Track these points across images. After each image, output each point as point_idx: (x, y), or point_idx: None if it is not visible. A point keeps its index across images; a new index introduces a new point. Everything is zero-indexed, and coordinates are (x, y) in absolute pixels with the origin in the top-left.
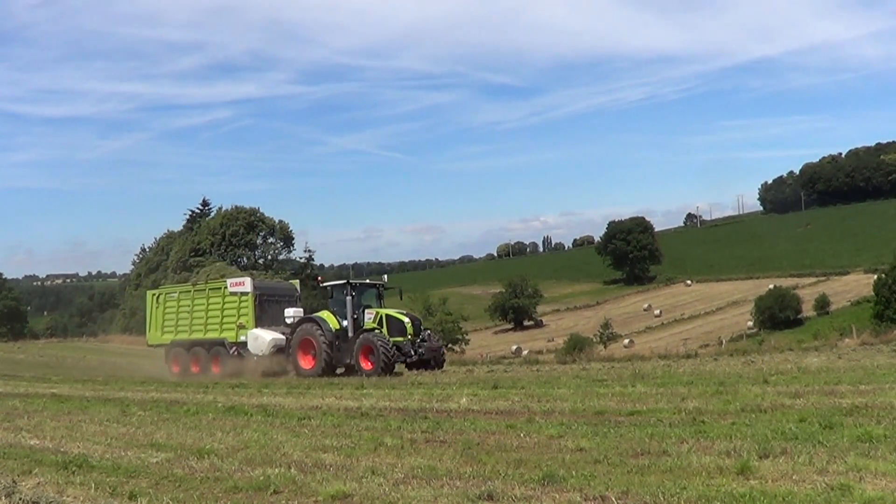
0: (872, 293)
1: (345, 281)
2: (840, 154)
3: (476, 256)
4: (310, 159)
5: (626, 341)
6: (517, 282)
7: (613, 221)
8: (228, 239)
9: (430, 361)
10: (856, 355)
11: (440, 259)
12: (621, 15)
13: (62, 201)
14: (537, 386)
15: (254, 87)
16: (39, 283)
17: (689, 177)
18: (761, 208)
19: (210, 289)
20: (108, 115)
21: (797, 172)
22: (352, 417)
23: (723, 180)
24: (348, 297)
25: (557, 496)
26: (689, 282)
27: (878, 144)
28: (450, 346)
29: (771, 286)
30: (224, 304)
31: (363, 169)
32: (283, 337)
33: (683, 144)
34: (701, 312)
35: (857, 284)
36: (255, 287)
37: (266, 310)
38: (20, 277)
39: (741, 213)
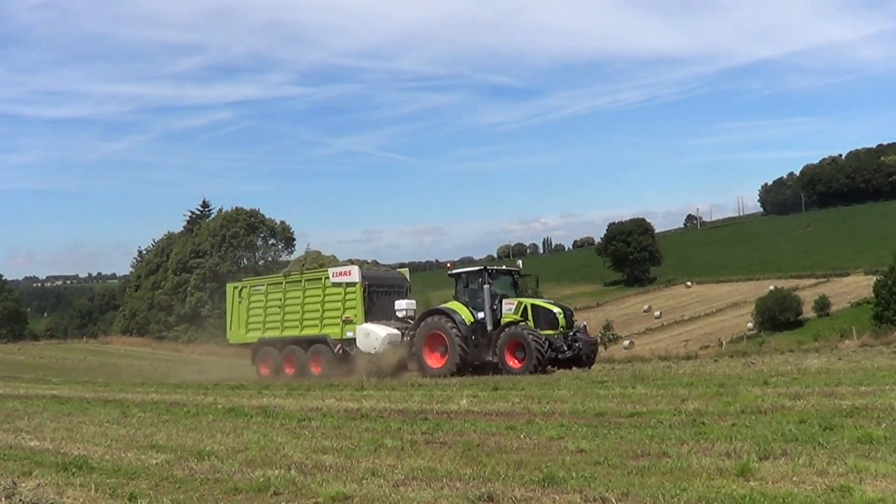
0: (872, 295)
1: (481, 267)
2: (840, 155)
3: (476, 258)
4: (310, 161)
5: (627, 343)
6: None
7: (614, 223)
8: (229, 240)
9: (582, 358)
10: (856, 357)
11: (440, 260)
12: (622, 16)
13: (62, 203)
14: (537, 387)
15: (254, 89)
16: (39, 284)
17: (689, 178)
18: (762, 210)
19: (307, 280)
20: (109, 117)
21: (797, 174)
22: (352, 419)
23: (723, 182)
24: (486, 286)
25: (557, 497)
26: (689, 283)
27: (878, 146)
28: None
29: (771, 287)
30: (325, 296)
31: (363, 170)
32: (398, 332)
33: (684, 146)
34: (701, 314)
35: (858, 286)
36: (363, 277)
37: (375, 302)
38: (20, 279)
39: (741, 214)
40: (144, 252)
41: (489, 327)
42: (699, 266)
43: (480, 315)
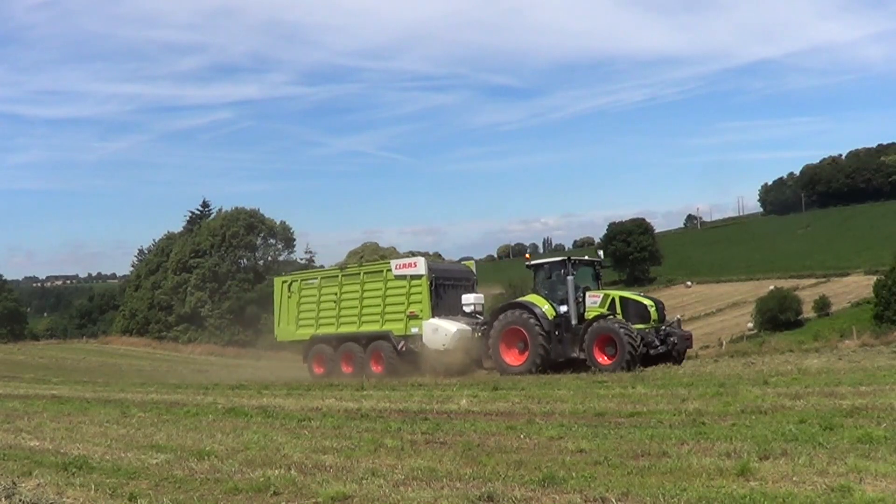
0: (872, 294)
1: (563, 257)
2: (840, 155)
3: (476, 258)
4: (310, 161)
5: None
6: (517, 283)
7: (614, 223)
8: (228, 240)
9: (672, 354)
10: (856, 356)
11: None
12: (622, 16)
13: (62, 203)
14: (537, 387)
15: (254, 89)
16: (39, 284)
17: (689, 178)
18: (762, 209)
19: (366, 273)
20: (109, 117)
21: (797, 174)
22: (352, 419)
23: (723, 181)
24: (569, 278)
25: (557, 497)
26: (689, 283)
27: (878, 146)
28: None
29: (771, 287)
30: (387, 290)
31: (363, 170)
32: (468, 328)
33: (684, 146)
34: (701, 314)
35: (858, 286)
36: (429, 269)
37: (442, 296)
38: (20, 279)
39: (741, 214)
40: (146, 251)
41: (574, 321)
42: (699, 266)
43: (563, 309)
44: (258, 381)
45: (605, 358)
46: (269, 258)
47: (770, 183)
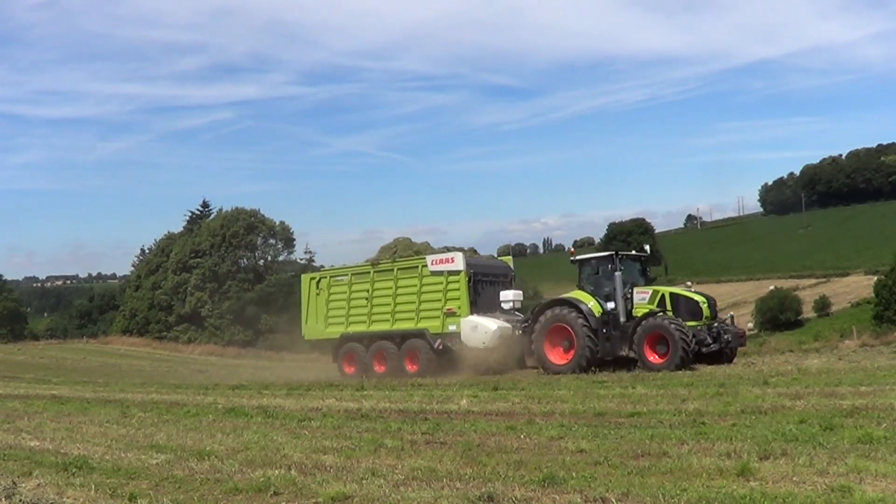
0: (873, 295)
1: (611, 252)
2: (840, 155)
3: None
4: (310, 161)
5: None
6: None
7: (614, 223)
8: (228, 240)
9: (724, 353)
10: (856, 357)
11: None
12: (622, 16)
13: (62, 203)
14: (537, 387)
15: (254, 89)
16: (39, 284)
17: (689, 178)
18: (762, 210)
19: (400, 269)
20: (109, 117)
21: (797, 174)
22: (352, 419)
23: (723, 182)
24: (617, 273)
25: (558, 498)
26: (689, 283)
27: (878, 146)
28: None
29: (771, 287)
30: (422, 286)
31: (363, 170)
32: (509, 325)
33: (684, 146)
34: None
35: (858, 286)
36: (467, 264)
37: (480, 293)
38: (20, 279)
39: (741, 214)
40: (147, 251)
41: (622, 319)
42: (699, 266)
43: (610, 305)
44: (259, 380)
45: (657, 357)
46: (269, 258)
47: (770, 183)
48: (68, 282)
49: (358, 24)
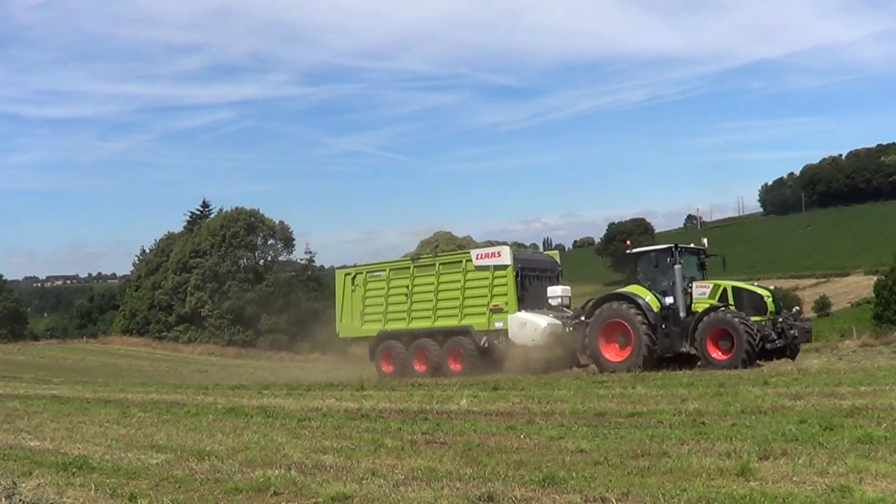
0: (873, 295)
1: (670, 245)
2: (840, 155)
3: None
4: (310, 161)
5: None
6: None
7: (614, 223)
8: (228, 240)
9: (788, 349)
10: (856, 357)
11: None
12: (622, 16)
13: (63, 203)
14: (537, 387)
15: (254, 89)
16: (39, 284)
17: (689, 178)
18: (762, 210)
19: (442, 263)
20: (109, 117)
21: (797, 174)
22: (352, 419)
23: (723, 182)
24: (676, 266)
25: (558, 497)
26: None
27: (878, 146)
28: None
29: (771, 287)
30: (466, 282)
31: (364, 170)
32: (559, 322)
33: (684, 146)
34: None
35: (858, 286)
36: (515, 259)
37: (527, 288)
38: (20, 279)
39: (742, 214)
40: (147, 251)
41: (682, 314)
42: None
43: (668, 300)
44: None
45: (720, 353)
46: (269, 258)
47: (770, 183)
48: (68, 282)
49: (358, 24)
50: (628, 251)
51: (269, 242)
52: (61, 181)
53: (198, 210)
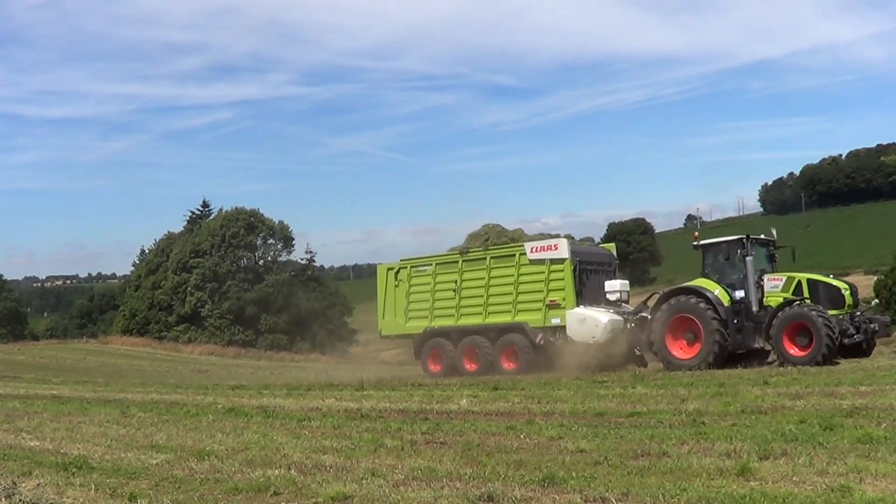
0: (873, 294)
1: (741, 236)
2: (840, 155)
3: None
4: (310, 161)
5: None
6: None
7: (614, 223)
8: (228, 240)
9: (864, 344)
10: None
11: None
12: (623, 16)
13: (62, 203)
14: (537, 387)
15: (254, 89)
16: (39, 284)
17: (689, 178)
18: (762, 210)
19: (493, 257)
20: (109, 117)
21: (797, 174)
22: (352, 419)
23: (723, 182)
24: (749, 258)
25: (558, 497)
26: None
27: (878, 146)
28: None
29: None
30: (519, 276)
31: (364, 170)
32: (620, 318)
33: (684, 146)
34: None
35: (858, 286)
36: (572, 252)
37: (585, 283)
38: (20, 279)
39: (741, 214)
40: (147, 251)
41: (755, 308)
42: (699, 266)
43: (738, 294)
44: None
45: (797, 349)
46: (269, 258)
47: (770, 183)
48: (68, 282)
49: (358, 24)
50: (695, 243)
51: (269, 242)
52: (61, 181)
53: (198, 210)
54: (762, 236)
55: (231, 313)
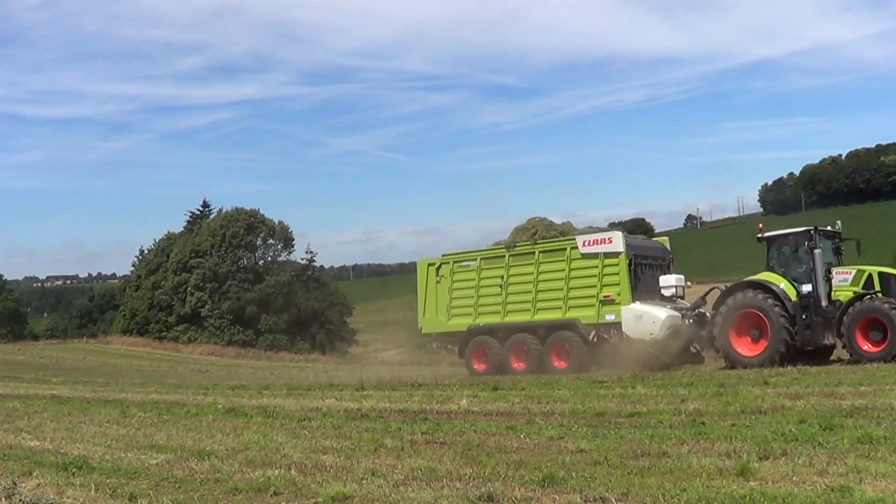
0: None
1: (809, 227)
2: (840, 155)
3: None
4: (310, 161)
5: None
6: None
7: (614, 223)
8: (228, 240)
9: None
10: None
11: None
12: (623, 16)
13: (62, 203)
14: (537, 387)
15: (254, 89)
16: (39, 284)
17: (689, 178)
18: (762, 210)
19: (543, 251)
20: (109, 117)
21: (797, 174)
22: (352, 419)
23: (723, 182)
24: (816, 251)
25: (557, 497)
26: (689, 283)
27: (878, 146)
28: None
29: None
30: (571, 271)
31: (364, 170)
32: (677, 314)
33: (684, 146)
34: None
35: None
36: (627, 245)
37: (640, 277)
38: (20, 279)
39: (741, 214)
40: (147, 251)
41: (823, 303)
42: (699, 266)
43: (805, 288)
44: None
45: (871, 345)
46: (269, 258)
47: (770, 183)
48: (68, 282)
49: (358, 24)
50: (759, 235)
51: (269, 242)
52: (61, 181)
53: (198, 210)
54: (828, 228)
55: (231, 313)
